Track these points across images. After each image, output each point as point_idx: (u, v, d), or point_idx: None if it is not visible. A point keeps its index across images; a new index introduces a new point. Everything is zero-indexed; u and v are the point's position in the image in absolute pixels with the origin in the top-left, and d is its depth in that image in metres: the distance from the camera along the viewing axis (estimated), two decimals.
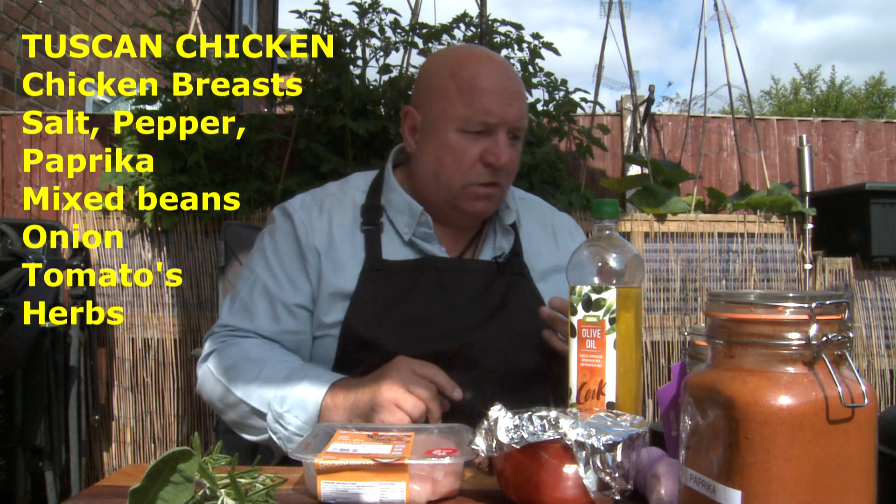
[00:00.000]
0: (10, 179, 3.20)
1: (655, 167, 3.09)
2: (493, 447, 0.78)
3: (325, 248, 1.26)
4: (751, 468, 0.59)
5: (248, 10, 9.07)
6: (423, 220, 1.27)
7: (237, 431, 1.22)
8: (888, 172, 3.56)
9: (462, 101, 1.23)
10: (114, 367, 2.90)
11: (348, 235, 1.28)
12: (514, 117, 1.23)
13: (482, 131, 1.23)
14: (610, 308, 0.89)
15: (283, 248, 1.29)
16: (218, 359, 1.22)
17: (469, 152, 1.23)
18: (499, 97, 1.22)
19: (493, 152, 1.22)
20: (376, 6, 2.91)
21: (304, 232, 1.27)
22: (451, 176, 1.24)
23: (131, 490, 0.66)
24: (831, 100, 19.74)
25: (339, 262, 1.25)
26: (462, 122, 1.23)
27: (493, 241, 1.33)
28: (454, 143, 1.23)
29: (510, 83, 1.25)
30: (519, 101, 1.25)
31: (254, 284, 1.28)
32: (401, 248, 1.28)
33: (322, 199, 1.33)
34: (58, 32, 4.58)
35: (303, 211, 1.31)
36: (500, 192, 1.27)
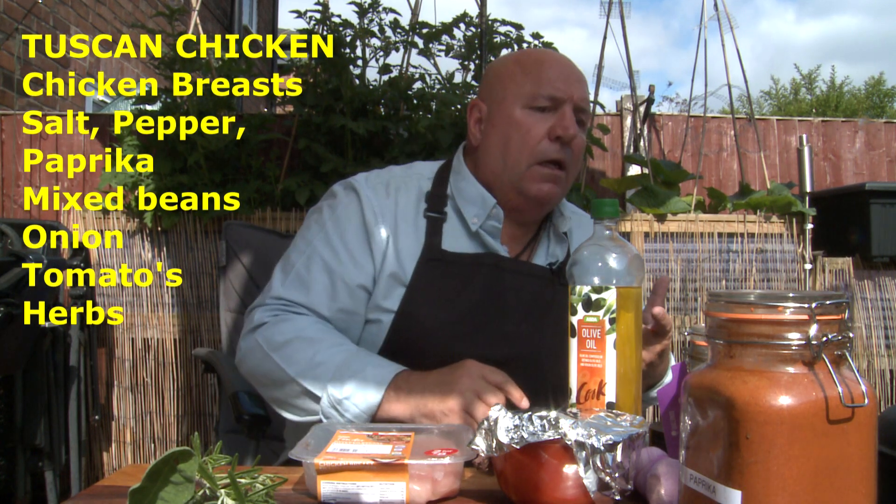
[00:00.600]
0: (10, 179, 3.20)
1: (655, 167, 3.09)
2: (493, 447, 0.78)
3: (391, 230, 1.23)
4: (751, 468, 0.59)
5: (248, 10, 9.07)
6: (495, 213, 1.25)
7: (278, 408, 1.17)
8: (888, 172, 3.56)
9: (528, 79, 1.24)
10: (114, 367, 2.90)
11: (412, 220, 1.25)
12: (580, 96, 1.24)
13: (549, 107, 1.23)
14: (610, 308, 0.89)
15: (346, 224, 1.24)
16: (270, 332, 1.17)
17: (537, 127, 1.22)
18: (564, 76, 1.24)
19: (562, 125, 1.21)
20: (376, 6, 2.91)
21: (371, 210, 1.24)
22: (518, 153, 1.23)
23: (131, 490, 0.66)
24: (831, 100, 19.74)
25: (401, 246, 1.23)
26: (529, 98, 1.23)
27: (547, 246, 1.32)
28: (521, 119, 1.23)
29: (574, 69, 1.28)
30: (584, 84, 1.27)
31: (311, 258, 1.23)
32: (464, 238, 1.26)
33: (388, 178, 1.29)
34: (58, 32, 4.58)
35: (369, 188, 1.27)
36: (565, 176, 1.25)
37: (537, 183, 1.23)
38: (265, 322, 1.19)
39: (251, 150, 2.87)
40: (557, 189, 1.25)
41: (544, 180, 1.23)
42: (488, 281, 1.23)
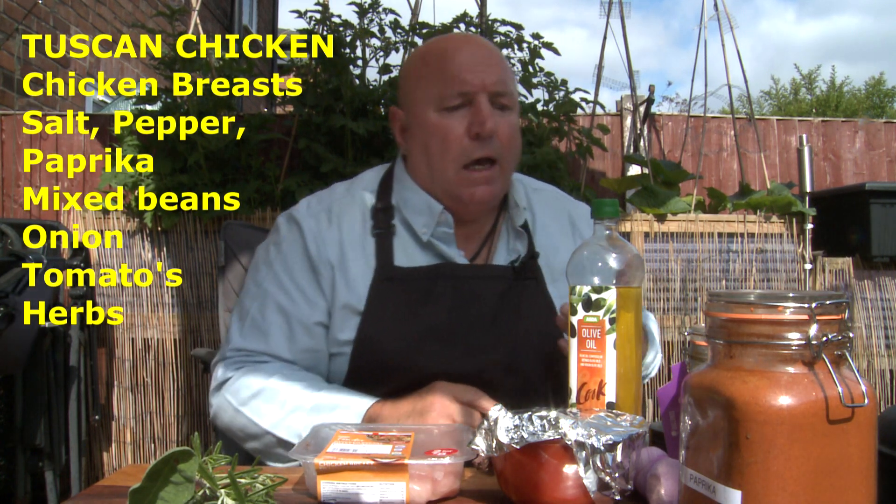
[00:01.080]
0: (10, 179, 3.20)
1: (655, 167, 3.09)
2: (493, 447, 0.78)
3: (337, 261, 1.19)
4: (751, 468, 0.59)
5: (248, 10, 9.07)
6: (443, 219, 1.20)
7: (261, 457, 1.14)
8: (888, 172, 3.56)
9: (435, 79, 1.18)
10: (114, 367, 2.90)
11: (359, 242, 1.21)
12: (492, 81, 1.16)
13: (462, 104, 1.16)
14: (610, 308, 0.89)
15: (292, 260, 1.21)
16: (236, 387, 1.15)
17: (454, 129, 1.15)
18: (471, 64, 1.16)
19: (477, 121, 1.14)
20: (376, 6, 2.91)
21: (314, 243, 1.20)
22: (441, 160, 1.17)
23: (131, 490, 0.66)
24: (831, 100, 19.73)
25: (351, 274, 1.18)
26: (438, 100, 1.17)
27: (507, 241, 1.26)
28: (436, 123, 1.17)
29: (482, 51, 1.19)
30: (495, 66, 1.18)
31: (264, 302, 1.20)
32: (417, 250, 1.21)
33: (330, 203, 1.25)
34: (58, 32, 4.58)
35: (311, 218, 1.23)
36: (499, 172, 1.18)
37: (469, 188, 1.17)
38: (229, 377, 1.17)
39: (251, 150, 2.87)
40: (493, 188, 1.19)
41: (475, 184, 1.17)
42: (448, 293, 1.17)
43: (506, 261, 1.24)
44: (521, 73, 3.02)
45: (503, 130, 1.17)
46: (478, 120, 1.15)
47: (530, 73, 3.00)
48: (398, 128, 1.26)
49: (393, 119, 1.27)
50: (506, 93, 1.18)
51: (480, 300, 1.19)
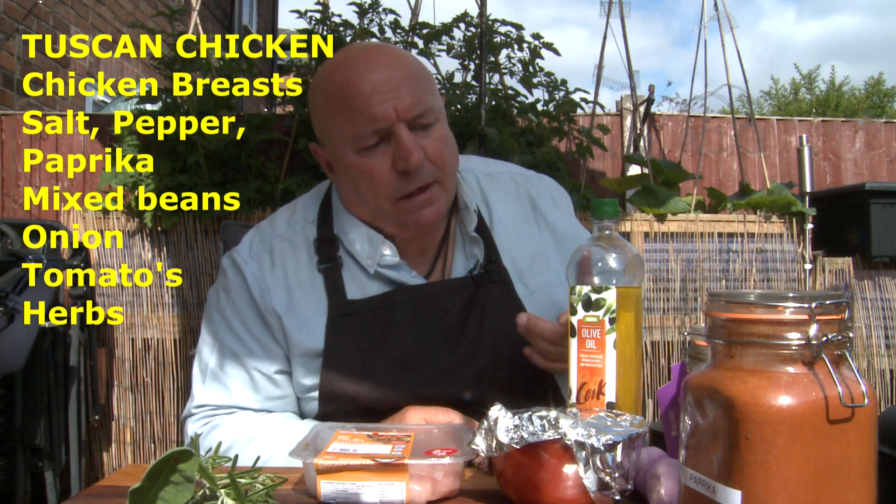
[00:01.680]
0: (10, 179, 3.20)
1: (655, 167, 3.09)
2: (493, 447, 0.78)
3: (284, 308, 1.13)
4: (751, 468, 0.59)
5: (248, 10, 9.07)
6: (386, 248, 1.14)
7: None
8: (888, 172, 3.56)
9: (343, 118, 1.08)
10: (114, 367, 2.90)
11: (307, 280, 1.14)
12: (406, 107, 1.06)
13: (380, 140, 1.07)
14: (610, 308, 0.89)
15: (243, 309, 1.15)
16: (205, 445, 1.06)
17: (378, 169, 1.07)
18: (377, 94, 1.05)
19: (400, 156, 1.05)
20: (376, 6, 2.92)
21: (258, 292, 1.14)
22: (374, 198, 1.10)
23: (131, 490, 0.66)
24: (831, 100, 19.73)
25: (303, 317, 1.13)
26: (354, 141, 1.07)
27: (464, 246, 1.20)
28: (359, 166, 1.08)
29: (385, 71, 1.07)
30: (405, 86, 1.07)
31: (222, 353, 1.15)
32: (367, 281, 1.15)
33: (271, 242, 1.18)
34: (58, 32, 4.58)
35: (253, 262, 1.16)
36: (439, 189, 1.11)
37: (411, 215, 1.10)
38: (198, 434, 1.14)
39: (251, 150, 2.87)
40: (437, 207, 1.11)
41: (416, 209, 1.10)
42: (408, 318, 1.12)
43: (465, 269, 1.18)
44: (522, 73, 3.02)
45: (432, 150, 1.09)
46: (401, 156, 1.06)
47: (530, 73, 3.00)
48: (324, 164, 1.19)
49: (316, 155, 1.20)
50: (424, 111, 1.08)
51: (443, 318, 1.14)
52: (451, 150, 1.13)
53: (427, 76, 1.13)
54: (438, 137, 1.10)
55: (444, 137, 1.12)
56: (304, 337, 1.12)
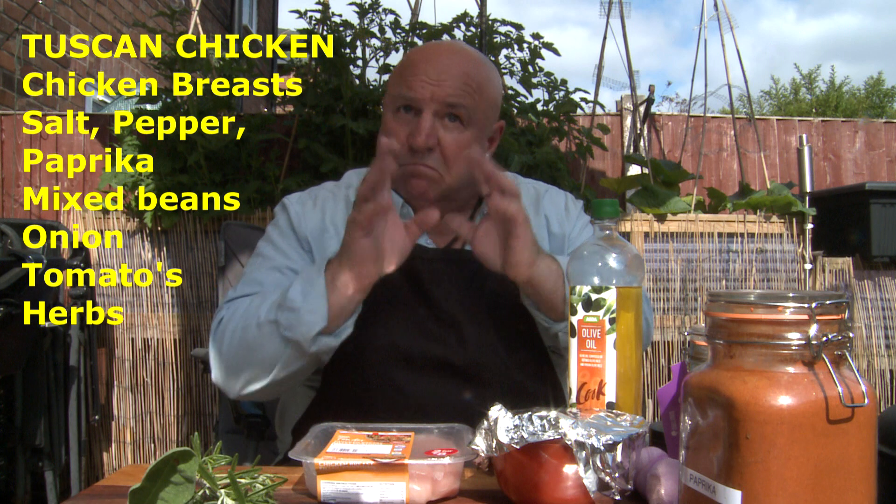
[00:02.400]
0: (10, 179, 3.20)
1: (655, 167, 3.09)
2: (493, 447, 0.78)
3: (315, 236, 1.27)
4: (751, 468, 0.59)
5: (248, 10, 9.07)
6: (406, 212, 1.25)
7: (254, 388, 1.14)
8: (888, 172, 3.56)
9: (397, 81, 1.22)
10: (114, 367, 2.90)
11: (340, 224, 1.27)
12: (443, 95, 1.17)
13: (410, 108, 1.19)
14: (610, 308, 0.89)
15: (285, 231, 1.30)
16: (227, 321, 1.17)
17: (397, 133, 1.19)
18: (427, 75, 1.18)
19: (413, 132, 1.17)
20: (376, 6, 2.92)
21: (297, 221, 1.29)
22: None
23: (131, 490, 0.66)
24: (831, 100, 19.73)
25: (329, 252, 1.23)
26: (393, 102, 1.21)
27: None
28: (388, 123, 1.21)
29: (448, 63, 1.20)
30: (455, 80, 1.18)
31: (260, 263, 1.27)
32: None
33: (317, 193, 1.35)
34: (58, 32, 4.58)
35: (298, 203, 1.32)
36: (437, 176, 1.20)
37: (409, 179, 1.21)
38: (222, 316, 1.20)
39: (251, 150, 2.87)
40: (427, 185, 1.21)
41: (409, 175, 1.20)
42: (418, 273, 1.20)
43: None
44: (521, 73, 3.02)
45: (447, 144, 1.19)
46: (416, 131, 1.17)
47: (530, 74, 3.00)
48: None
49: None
50: (459, 106, 1.18)
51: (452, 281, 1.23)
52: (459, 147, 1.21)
53: (484, 84, 1.22)
54: (460, 139, 1.20)
55: (465, 143, 1.20)
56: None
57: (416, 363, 1.18)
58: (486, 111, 1.24)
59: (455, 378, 1.17)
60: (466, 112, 1.19)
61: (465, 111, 1.19)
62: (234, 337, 1.15)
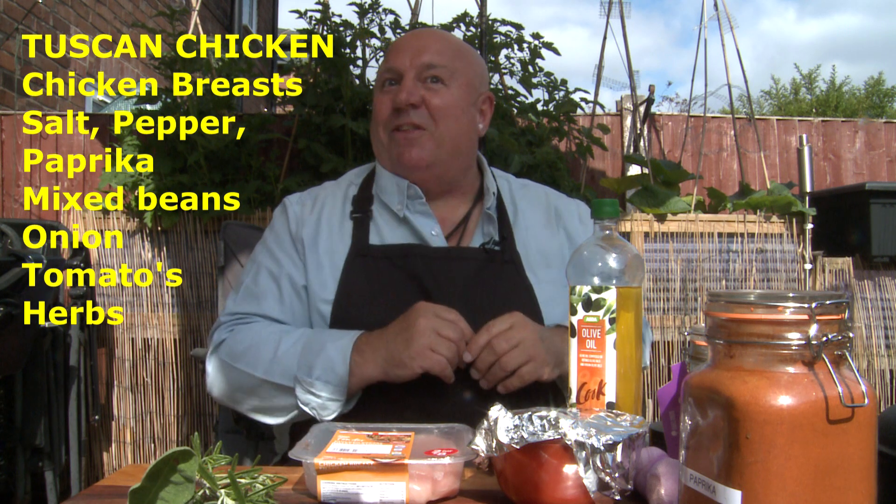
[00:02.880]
0: (10, 179, 3.20)
1: (655, 167, 3.09)
2: (493, 447, 0.78)
3: (310, 239, 1.28)
4: (751, 468, 0.59)
5: (248, 10, 9.07)
6: (413, 192, 1.27)
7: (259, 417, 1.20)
8: (888, 172, 3.56)
9: (382, 64, 1.31)
10: (114, 367, 2.90)
11: (337, 224, 1.30)
12: (422, 60, 1.25)
13: (392, 80, 1.27)
14: (610, 308, 0.89)
15: (281, 235, 1.32)
16: (229, 346, 1.21)
17: (384, 103, 1.27)
18: (407, 48, 1.28)
19: (396, 95, 1.25)
20: (376, 6, 2.91)
21: (294, 223, 1.31)
22: (375, 129, 1.30)
23: (131, 490, 0.66)
24: (831, 100, 19.72)
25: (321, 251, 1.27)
26: (379, 81, 1.30)
27: (482, 226, 1.32)
28: (376, 100, 1.30)
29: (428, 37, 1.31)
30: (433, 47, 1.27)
31: (257, 272, 1.29)
32: (394, 228, 1.28)
33: (317, 193, 1.37)
34: (58, 32, 4.58)
35: (297, 204, 1.34)
36: (427, 136, 1.25)
37: (397, 149, 1.26)
38: (224, 339, 1.23)
39: (251, 150, 2.87)
40: (420, 150, 1.25)
41: (401, 145, 1.26)
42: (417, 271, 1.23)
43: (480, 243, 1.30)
44: (521, 73, 3.02)
45: (433, 103, 1.25)
46: (397, 94, 1.25)
47: (530, 74, 3.00)
48: None
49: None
50: (437, 66, 1.26)
51: (451, 280, 1.24)
52: (454, 114, 1.27)
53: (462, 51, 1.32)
54: (444, 95, 1.26)
55: (451, 100, 1.27)
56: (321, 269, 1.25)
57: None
58: (468, 74, 1.30)
59: (456, 377, 1.17)
60: (447, 71, 1.27)
61: (446, 70, 1.26)
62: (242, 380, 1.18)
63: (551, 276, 1.28)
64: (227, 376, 1.20)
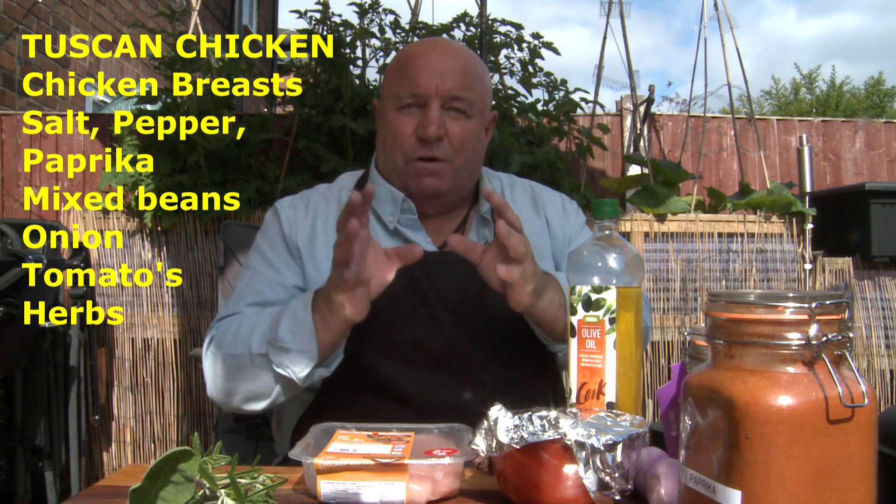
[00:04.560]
0: (10, 179, 3.20)
1: (655, 167, 3.09)
2: (493, 447, 0.78)
3: (306, 244, 1.28)
4: (751, 468, 0.59)
5: (248, 10, 9.07)
6: (406, 206, 1.27)
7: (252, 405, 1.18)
8: (888, 172, 3.56)
9: (397, 79, 1.26)
10: (114, 367, 2.90)
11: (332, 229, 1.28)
12: (447, 87, 1.22)
13: (415, 104, 1.23)
14: (610, 308, 0.89)
15: (274, 240, 1.31)
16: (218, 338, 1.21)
17: (404, 128, 1.23)
18: (431, 70, 1.23)
19: (423, 123, 1.21)
20: (376, 6, 2.92)
21: (288, 227, 1.30)
22: (393, 153, 1.26)
23: (132, 490, 0.66)
24: (831, 100, 19.73)
25: (319, 257, 1.27)
26: (396, 99, 1.24)
27: (477, 231, 1.31)
28: (392, 121, 1.25)
29: (447, 58, 1.25)
30: (455, 74, 1.24)
31: (251, 277, 1.29)
32: (386, 239, 1.27)
33: (309, 196, 1.36)
34: (58, 32, 4.58)
35: (289, 208, 1.33)
36: (448, 168, 1.24)
37: (416, 178, 1.24)
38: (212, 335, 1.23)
39: (251, 150, 2.87)
40: (439, 182, 1.24)
41: (421, 175, 1.24)
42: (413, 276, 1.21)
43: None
44: (521, 73, 3.02)
45: (454, 134, 1.23)
46: (424, 122, 1.22)
47: (530, 74, 3.00)
48: (376, 116, 1.36)
49: (375, 109, 1.37)
50: (462, 98, 1.24)
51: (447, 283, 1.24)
52: (472, 145, 1.26)
53: (479, 77, 1.29)
54: (466, 127, 1.25)
55: (471, 131, 1.26)
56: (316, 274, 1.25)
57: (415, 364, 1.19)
58: (484, 100, 1.30)
59: (453, 378, 1.17)
60: (467, 104, 1.24)
61: (466, 103, 1.24)
62: (228, 363, 1.17)
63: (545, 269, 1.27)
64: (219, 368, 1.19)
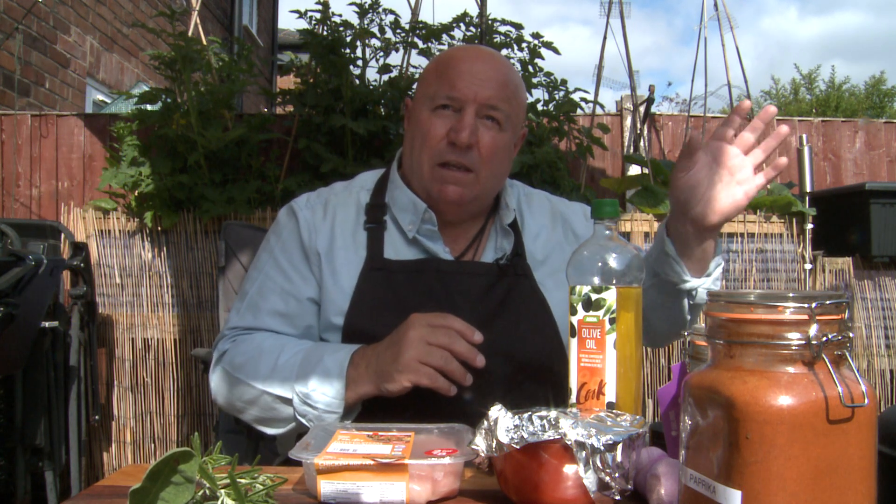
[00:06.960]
0: (10, 179, 3.20)
1: (655, 167, 3.09)
2: (493, 447, 0.78)
3: (325, 250, 1.25)
4: (751, 468, 0.59)
5: (248, 10, 9.07)
6: (427, 217, 1.25)
7: (260, 428, 1.20)
8: (888, 172, 3.56)
9: (435, 80, 1.24)
10: (114, 367, 2.90)
11: (350, 234, 1.27)
12: (485, 97, 1.20)
13: (450, 107, 1.21)
14: (610, 308, 0.89)
15: (289, 245, 1.28)
16: (231, 357, 1.21)
17: (436, 130, 1.21)
18: (471, 76, 1.21)
19: (456, 128, 1.20)
20: (376, 6, 2.92)
21: (307, 231, 1.27)
22: (420, 154, 1.23)
23: (132, 490, 0.66)
24: (831, 100, 19.72)
25: (338, 263, 1.25)
26: (431, 100, 1.23)
27: (495, 241, 1.31)
28: (425, 121, 1.23)
29: (489, 67, 1.23)
30: (496, 84, 1.22)
31: (263, 283, 1.27)
32: (404, 246, 1.26)
33: (327, 197, 1.32)
34: (58, 32, 4.58)
35: (307, 210, 1.30)
36: (472, 178, 1.23)
37: (439, 184, 1.22)
38: (226, 350, 1.23)
39: (251, 150, 2.87)
40: (463, 191, 1.23)
41: (445, 182, 1.22)
42: (431, 285, 1.22)
43: (492, 259, 1.29)
44: (521, 73, 3.02)
45: (485, 143, 1.22)
46: (458, 127, 1.20)
47: (530, 73, 3.00)
48: (406, 117, 1.33)
49: (406, 108, 1.35)
50: (498, 109, 1.22)
51: (465, 294, 1.23)
52: (500, 157, 1.25)
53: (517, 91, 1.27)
54: (497, 138, 1.23)
55: (502, 144, 1.24)
56: (334, 282, 1.23)
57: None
58: (519, 116, 1.29)
59: None
60: (503, 115, 1.23)
61: (502, 114, 1.23)
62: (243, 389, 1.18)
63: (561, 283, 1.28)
64: (228, 387, 1.20)
